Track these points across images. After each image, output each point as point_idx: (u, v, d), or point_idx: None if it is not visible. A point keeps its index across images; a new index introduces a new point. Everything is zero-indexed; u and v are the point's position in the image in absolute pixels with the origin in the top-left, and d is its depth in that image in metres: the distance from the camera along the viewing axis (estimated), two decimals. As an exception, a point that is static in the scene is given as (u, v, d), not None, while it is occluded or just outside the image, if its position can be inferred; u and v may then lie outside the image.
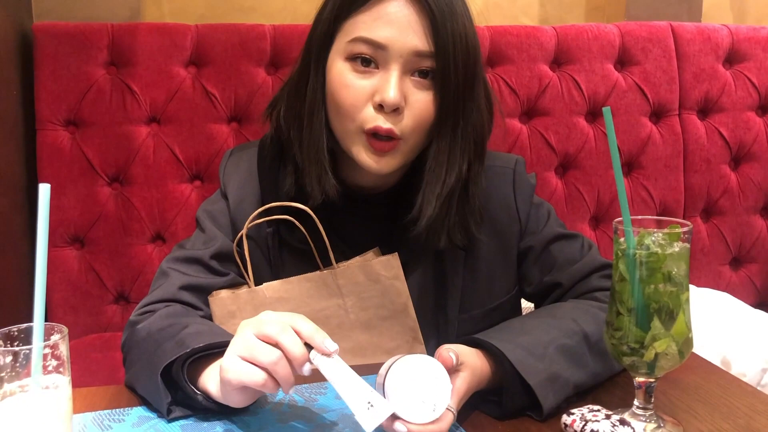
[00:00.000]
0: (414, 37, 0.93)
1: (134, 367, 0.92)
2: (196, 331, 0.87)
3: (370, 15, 0.94)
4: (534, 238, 1.07)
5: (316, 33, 0.99)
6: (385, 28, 0.93)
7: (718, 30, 2.03)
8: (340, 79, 0.95)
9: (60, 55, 1.68)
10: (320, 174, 0.98)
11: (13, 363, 0.65)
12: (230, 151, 1.12)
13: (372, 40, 0.93)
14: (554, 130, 1.91)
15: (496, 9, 2.15)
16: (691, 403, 0.88)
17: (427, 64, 0.94)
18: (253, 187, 1.06)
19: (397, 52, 0.93)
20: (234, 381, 0.76)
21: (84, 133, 1.70)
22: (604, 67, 1.95)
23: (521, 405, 0.85)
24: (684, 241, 0.77)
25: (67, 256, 1.70)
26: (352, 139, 0.97)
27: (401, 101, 0.93)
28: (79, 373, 0.74)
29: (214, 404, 0.83)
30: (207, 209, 1.08)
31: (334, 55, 0.97)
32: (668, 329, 0.77)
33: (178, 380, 0.83)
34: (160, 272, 1.04)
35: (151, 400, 0.86)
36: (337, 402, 0.88)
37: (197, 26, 1.77)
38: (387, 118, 0.94)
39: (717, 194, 2.03)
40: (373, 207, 1.05)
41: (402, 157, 0.98)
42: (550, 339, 0.89)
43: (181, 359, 0.82)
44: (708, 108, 2.02)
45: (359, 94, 0.94)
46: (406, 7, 0.93)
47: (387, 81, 0.93)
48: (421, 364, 0.77)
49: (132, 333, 0.96)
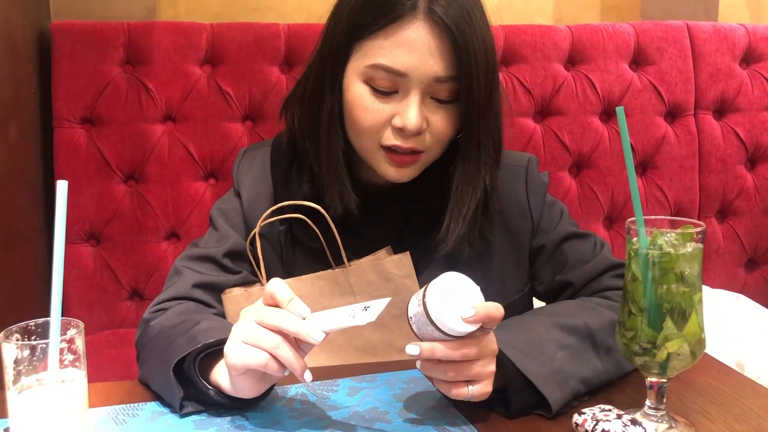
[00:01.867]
0: (435, 63, 0.91)
1: (147, 363, 0.93)
2: (207, 327, 0.88)
3: (390, 41, 0.91)
4: (546, 237, 1.07)
5: (329, 48, 0.97)
6: (406, 56, 0.91)
7: (734, 29, 2.01)
8: (359, 101, 0.95)
9: (77, 54, 1.70)
10: (341, 190, 0.99)
11: (31, 357, 0.66)
12: (244, 150, 1.13)
13: (393, 69, 0.91)
14: (568, 129, 1.91)
15: (511, 8, 2.15)
16: (704, 404, 0.88)
17: (448, 87, 0.93)
18: (266, 187, 1.07)
19: (418, 79, 0.92)
20: (238, 365, 0.77)
21: (100, 131, 1.72)
22: (619, 66, 1.94)
23: (528, 403, 0.85)
24: (697, 242, 0.77)
25: (83, 253, 1.72)
26: (372, 155, 0.98)
27: (423, 125, 0.93)
28: (94, 368, 0.75)
29: (226, 399, 0.83)
30: (220, 208, 1.09)
31: (352, 74, 0.95)
32: (681, 329, 0.76)
33: (190, 375, 0.84)
34: (173, 270, 1.05)
35: (165, 396, 0.87)
36: (349, 399, 0.88)
37: (212, 25, 1.78)
38: (407, 140, 0.94)
39: (732, 195, 2.01)
40: (387, 205, 1.05)
41: (422, 166, 0.99)
42: (549, 336, 0.89)
43: (192, 354, 0.83)
44: (724, 108, 2.01)
45: (379, 117, 0.94)
46: (426, 31, 0.91)
47: (408, 106, 0.92)
48: (457, 279, 0.78)
49: (145, 330, 0.97)
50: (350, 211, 0.99)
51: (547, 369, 0.84)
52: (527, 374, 0.83)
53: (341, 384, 0.92)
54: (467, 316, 0.75)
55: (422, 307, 0.77)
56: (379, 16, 0.92)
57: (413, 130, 0.92)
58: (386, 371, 0.96)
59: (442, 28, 0.91)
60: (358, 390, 0.91)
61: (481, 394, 0.80)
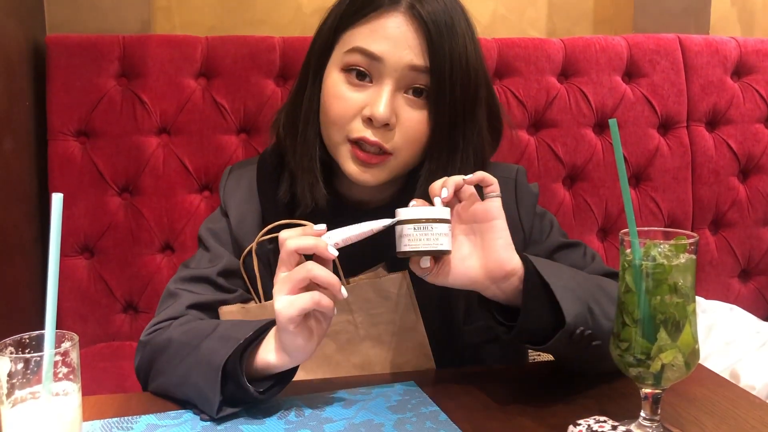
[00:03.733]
0: (410, 52, 0.93)
1: (166, 374, 0.92)
2: (231, 325, 0.90)
3: (369, 27, 0.95)
4: (537, 248, 1.07)
5: (316, 44, 1.01)
6: (382, 41, 0.93)
7: (726, 42, 2.03)
8: (334, 89, 0.96)
9: (72, 67, 1.70)
10: (311, 182, 1.00)
11: (25, 370, 0.66)
12: (230, 169, 1.13)
13: (368, 51, 0.94)
14: (562, 141, 1.91)
15: (504, 22, 2.16)
16: (699, 415, 0.88)
17: (422, 80, 0.94)
18: (253, 204, 1.07)
19: (392, 66, 0.93)
20: (295, 313, 0.81)
21: (95, 143, 1.72)
22: (612, 79, 1.95)
23: (540, 311, 0.86)
24: (690, 253, 0.77)
25: (77, 266, 1.72)
26: (338, 149, 0.98)
27: (391, 117, 0.94)
28: (88, 381, 0.75)
29: (262, 394, 0.85)
30: (209, 227, 1.09)
31: (331, 65, 0.98)
32: (675, 340, 0.77)
33: (233, 375, 0.84)
34: (167, 293, 1.04)
35: (198, 401, 0.87)
36: (344, 411, 0.88)
37: (207, 38, 1.78)
38: (375, 132, 0.94)
39: (725, 206, 2.02)
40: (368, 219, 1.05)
41: (391, 172, 0.98)
42: (568, 270, 0.93)
43: (237, 352, 0.84)
44: (716, 120, 2.02)
45: (349, 106, 0.95)
46: (404, 23, 0.94)
47: (379, 96, 0.94)
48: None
49: (150, 348, 0.96)
50: (320, 206, 0.99)
51: (563, 282, 0.87)
52: (547, 278, 0.85)
53: (336, 397, 0.92)
54: (443, 195, 0.85)
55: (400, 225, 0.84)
56: (362, 6, 0.96)
57: (381, 119, 0.93)
58: (381, 384, 0.96)
59: (420, 22, 0.94)
60: (353, 402, 0.91)
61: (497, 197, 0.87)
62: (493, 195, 0.87)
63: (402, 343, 1.02)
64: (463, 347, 1.06)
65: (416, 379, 0.97)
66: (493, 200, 0.87)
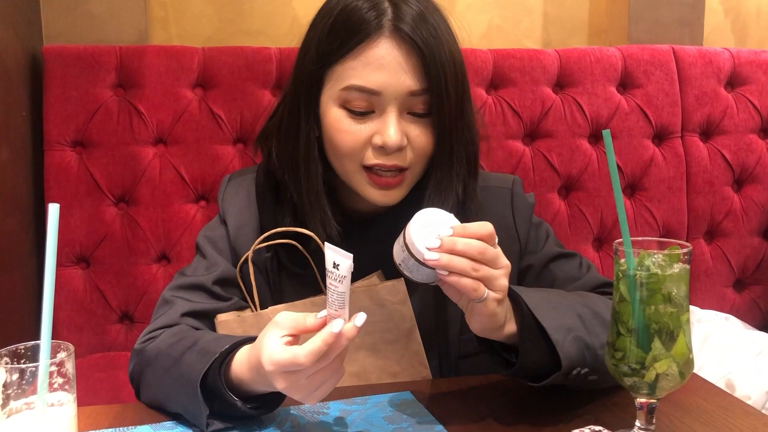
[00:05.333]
0: (407, 78, 0.93)
1: (154, 387, 0.92)
2: (213, 339, 0.89)
3: (360, 61, 0.93)
4: (533, 257, 1.08)
5: (301, 78, 0.99)
6: (377, 74, 0.93)
7: (719, 53, 2.05)
8: (337, 125, 0.96)
9: (69, 77, 1.70)
10: (323, 219, 1.00)
11: (20, 380, 0.66)
12: (228, 177, 1.13)
13: (366, 89, 0.93)
14: (557, 152, 1.92)
15: (499, 32, 2.17)
16: (693, 424, 0.88)
17: (423, 100, 0.95)
18: (252, 213, 1.07)
19: (392, 95, 0.93)
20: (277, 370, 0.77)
21: (91, 153, 1.72)
22: (607, 89, 1.96)
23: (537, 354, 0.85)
24: (684, 263, 0.78)
25: (73, 276, 1.71)
26: (354, 177, 0.98)
27: (403, 140, 0.94)
28: (83, 392, 0.75)
29: (252, 410, 0.84)
30: (207, 235, 1.09)
31: (327, 100, 0.97)
32: (669, 350, 0.77)
33: (215, 389, 0.83)
34: (162, 301, 1.04)
35: (187, 415, 0.87)
36: (340, 422, 0.88)
37: (204, 49, 1.79)
38: (389, 158, 0.95)
39: (720, 216, 2.03)
40: (373, 230, 1.05)
41: (408, 187, 1.00)
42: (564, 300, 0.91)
43: (215, 367, 0.83)
44: (710, 130, 2.03)
45: (358, 138, 0.95)
46: (394, 48, 0.93)
47: (386, 124, 0.94)
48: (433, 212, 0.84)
49: (141, 358, 0.96)
50: (333, 238, 0.99)
51: (557, 323, 0.86)
52: (542, 321, 0.84)
53: (332, 407, 0.92)
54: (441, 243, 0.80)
55: (406, 251, 0.81)
56: (347, 39, 0.93)
57: (394, 146, 0.93)
58: (377, 394, 0.96)
59: (409, 44, 0.93)
60: (349, 413, 0.91)
61: (496, 300, 0.81)
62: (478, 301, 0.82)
63: (397, 352, 1.02)
64: (458, 357, 1.06)
65: (412, 390, 0.97)
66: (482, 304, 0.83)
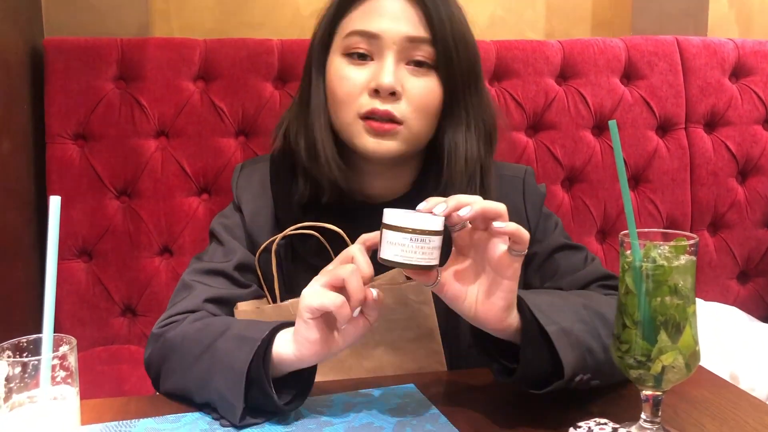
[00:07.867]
0: (407, 24, 0.96)
1: (179, 374, 0.91)
2: (246, 324, 0.89)
3: (361, 11, 0.99)
4: (539, 246, 1.08)
5: (316, 39, 1.04)
6: (378, 20, 0.97)
7: (723, 44, 2.03)
8: (338, 73, 0.99)
9: (70, 70, 1.70)
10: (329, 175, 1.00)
11: (22, 374, 0.66)
12: (241, 165, 1.13)
13: (365, 31, 0.97)
14: (561, 143, 1.91)
15: (503, 24, 2.16)
16: (699, 416, 0.88)
17: (423, 51, 0.97)
18: (266, 200, 1.07)
19: (390, 39, 0.96)
20: (315, 305, 0.79)
21: (93, 146, 1.72)
22: (610, 81, 1.95)
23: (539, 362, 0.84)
24: (690, 254, 0.77)
25: (75, 269, 1.71)
26: (351, 128, 0.99)
27: (397, 85, 0.96)
28: (86, 385, 0.75)
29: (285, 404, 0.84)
30: (222, 222, 1.09)
31: (333, 54, 1.01)
32: (675, 342, 0.76)
33: (257, 380, 0.82)
34: (182, 285, 1.03)
35: (219, 407, 0.85)
36: (344, 415, 0.88)
37: (205, 41, 1.78)
38: (383, 102, 0.96)
39: (724, 208, 2.02)
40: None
41: (404, 143, 0.99)
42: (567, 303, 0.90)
43: (259, 354, 0.82)
44: (714, 122, 2.02)
45: (355, 84, 0.97)
46: (398, 1, 0.97)
47: (382, 67, 0.96)
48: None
49: (162, 343, 0.95)
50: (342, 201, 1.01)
51: (558, 327, 0.84)
52: (544, 324, 0.83)
53: (336, 400, 0.92)
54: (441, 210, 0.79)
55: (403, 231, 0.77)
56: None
57: (387, 88, 0.95)
58: (381, 386, 0.96)
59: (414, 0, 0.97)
60: (353, 405, 0.90)
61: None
62: (517, 253, 0.81)
63: (417, 351, 1.01)
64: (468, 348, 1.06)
65: (416, 382, 0.97)
66: (515, 259, 0.81)
